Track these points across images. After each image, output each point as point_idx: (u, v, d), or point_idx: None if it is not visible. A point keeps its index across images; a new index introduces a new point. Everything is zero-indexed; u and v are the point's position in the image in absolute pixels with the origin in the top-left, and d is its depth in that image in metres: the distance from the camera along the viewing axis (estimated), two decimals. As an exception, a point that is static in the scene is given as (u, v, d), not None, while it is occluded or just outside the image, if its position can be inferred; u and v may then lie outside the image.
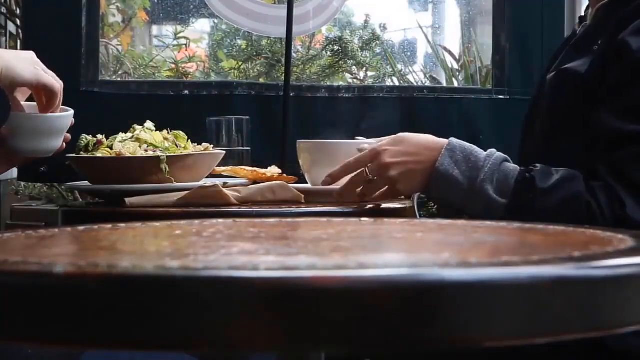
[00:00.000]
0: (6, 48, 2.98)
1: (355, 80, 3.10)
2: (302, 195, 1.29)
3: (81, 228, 0.72)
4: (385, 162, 1.16)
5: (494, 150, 1.14)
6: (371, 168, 1.18)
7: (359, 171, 1.20)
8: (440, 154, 1.12)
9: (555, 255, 0.48)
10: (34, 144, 1.20)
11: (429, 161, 1.13)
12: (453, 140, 1.15)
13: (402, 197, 1.29)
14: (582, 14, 1.30)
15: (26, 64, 1.12)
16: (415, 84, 2.93)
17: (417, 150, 1.16)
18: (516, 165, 1.12)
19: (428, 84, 2.98)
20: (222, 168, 1.43)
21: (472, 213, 1.15)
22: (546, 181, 1.07)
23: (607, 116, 1.07)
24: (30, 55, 1.15)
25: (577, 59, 1.16)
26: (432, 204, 2.35)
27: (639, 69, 1.06)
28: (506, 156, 1.13)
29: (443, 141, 1.15)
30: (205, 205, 1.22)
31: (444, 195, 1.16)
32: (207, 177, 1.37)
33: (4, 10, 2.94)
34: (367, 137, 1.38)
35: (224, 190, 1.23)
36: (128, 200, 1.24)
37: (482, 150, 1.14)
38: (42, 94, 1.15)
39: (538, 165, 1.10)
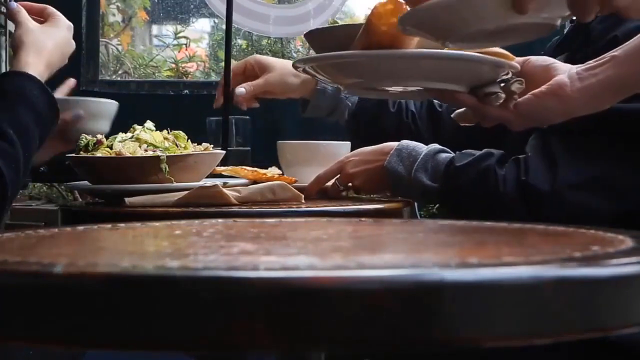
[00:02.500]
0: (5, 47, 2.98)
1: (355, 80, 3.10)
2: (302, 195, 1.29)
3: (81, 228, 0.72)
4: (348, 173, 1.28)
5: (435, 144, 1.23)
6: (339, 179, 1.30)
7: (332, 182, 1.31)
8: (389, 154, 1.23)
9: (556, 255, 0.48)
10: (96, 125, 1.41)
11: (382, 163, 1.24)
12: (404, 141, 1.24)
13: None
14: None
15: (64, 48, 1.26)
16: (415, 83, 2.92)
17: (374, 157, 1.26)
18: (451, 153, 1.20)
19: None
20: (222, 168, 1.43)
21: (417, 202, 1.27)
22: (463, 160, 1.16)
23: None
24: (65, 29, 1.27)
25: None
26: (432, 205, 2.35)
27: (595, 52, 1.06)
28: (443, 148, 1.21)
29: (396, 144, 1.24)
30: (205, 205, 1.22)
31: (397, 191, 1.26)
32: (207, 177, 1.37)
33: (3, 9, 2.93)
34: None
35: (224, 190, 1.23)
36: (128, 200, 1.24)
37: (425, 146, 1.22)
38: None
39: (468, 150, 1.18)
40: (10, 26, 2.97)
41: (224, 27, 1.95)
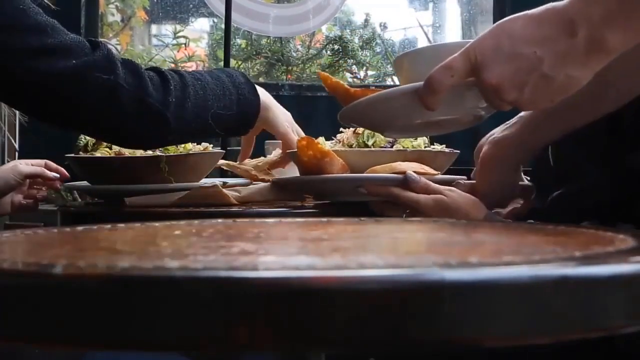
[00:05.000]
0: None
1: (355, 80, 3.10)
2: (304, 197, 1.29)
3: (80, 228, 0.72)
4: (429, 209, 1.18)
5: None
6: (408, 215, 1.19)
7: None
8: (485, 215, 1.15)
9: (556, 255, 0.48)
10: None
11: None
12: (488, 215, 1.16)
13: None
14: None
15: (283, 119, 1.34)
16: (415, 83, 2.92)
17: (467, 212, 1.16)
18: None
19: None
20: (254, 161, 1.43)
21: None
22: None
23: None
24: (288, 115, 1.37)
25: None
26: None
27: None
28: None
29: (481, 215, 1.16)
30: (205, 205, 1.22)
31: None
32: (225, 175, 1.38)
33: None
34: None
35: (224, 190, 1.23)
36: (128, 200, 1.24)
37: None
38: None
39: None
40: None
41: (223, 26, 1.95)
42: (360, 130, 1.29)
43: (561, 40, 0.74)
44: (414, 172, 1.16)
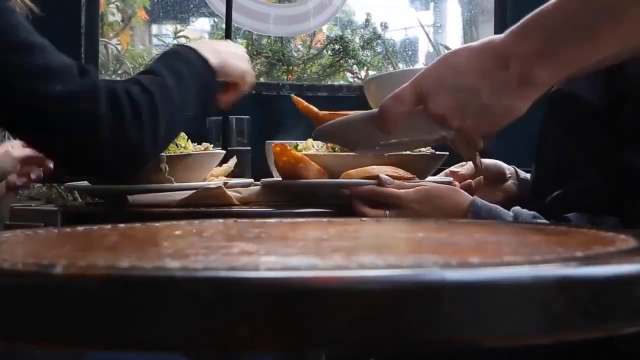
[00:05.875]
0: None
1: (356, 80, 3.10)
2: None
3: (80, 228, 0.72)
4: (407, 206, 1.17)
5: (518, 207, 1.13)
6: (391, 214, 1.18)
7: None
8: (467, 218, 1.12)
9: (557, 255, 0.48)
10: None
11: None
12: (476, 200, 1.15)
13: None
14: None
15: (239, 61, 1.29)
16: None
17: (445, 213, 1.15)
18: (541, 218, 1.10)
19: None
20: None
21: None
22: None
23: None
24: (242, 51, 1.34)
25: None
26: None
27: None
28: (535, 213, 1.11)
29: (465, 203, 1.14)
30: (206, 205, 1.22)
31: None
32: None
33: (4, 9, 2.92)
34: None
35: (226, 191, 1.24)
36: (130, 198, 1.24)
37: (506, 210, 1.13)
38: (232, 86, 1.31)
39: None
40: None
41: (223, 26, 1.95)
42: None
43: (497, 73, 0.78)
44: (389, 175, 1.19)
